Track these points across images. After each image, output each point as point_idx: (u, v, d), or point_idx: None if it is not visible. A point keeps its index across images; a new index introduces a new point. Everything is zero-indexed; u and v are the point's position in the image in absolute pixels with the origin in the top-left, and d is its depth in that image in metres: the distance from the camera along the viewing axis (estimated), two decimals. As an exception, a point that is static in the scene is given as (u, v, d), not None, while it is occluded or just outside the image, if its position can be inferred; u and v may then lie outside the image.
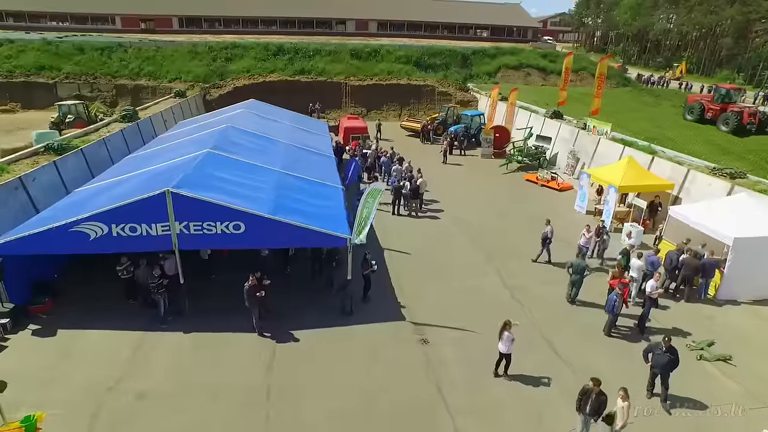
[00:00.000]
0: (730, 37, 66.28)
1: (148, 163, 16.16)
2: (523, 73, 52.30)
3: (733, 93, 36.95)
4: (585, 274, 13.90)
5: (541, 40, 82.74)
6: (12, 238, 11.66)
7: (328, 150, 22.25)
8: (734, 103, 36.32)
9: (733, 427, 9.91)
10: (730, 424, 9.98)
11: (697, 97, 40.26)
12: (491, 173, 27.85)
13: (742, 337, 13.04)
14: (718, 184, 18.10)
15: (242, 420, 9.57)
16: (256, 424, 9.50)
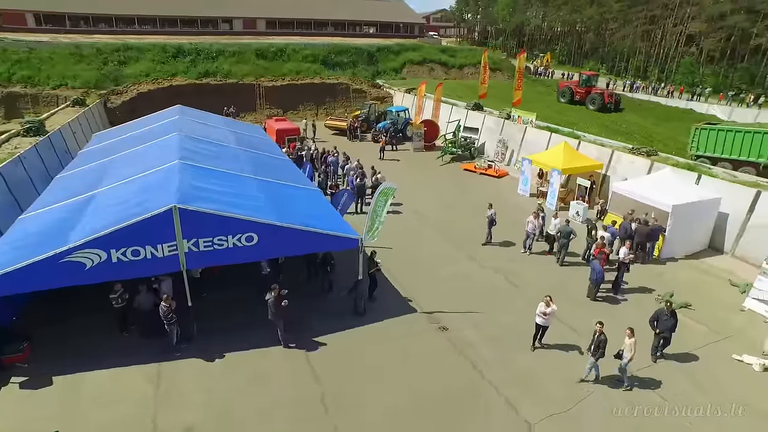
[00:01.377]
0: (592, 32, 75.43)
1: (103, 181, 14.47)
2: (427, 68, 54.73)
3: (593, 78, 45.66)
4: (571, 237, 15.80)
5: (427, 36, 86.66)
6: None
7: (281, 153, 21.66)
8: (595, 86, 44.58)
9: (711, 361, 11.90)
10: (709, 360, 11.96)
11: (566, 83, 47.34)
12: (429, 166, 29.03)
13: (689, 286, 15.45)
14: (639, 162, 21.00)
15: (310, 433, 9.37)
16: (325, 435, 9.36)
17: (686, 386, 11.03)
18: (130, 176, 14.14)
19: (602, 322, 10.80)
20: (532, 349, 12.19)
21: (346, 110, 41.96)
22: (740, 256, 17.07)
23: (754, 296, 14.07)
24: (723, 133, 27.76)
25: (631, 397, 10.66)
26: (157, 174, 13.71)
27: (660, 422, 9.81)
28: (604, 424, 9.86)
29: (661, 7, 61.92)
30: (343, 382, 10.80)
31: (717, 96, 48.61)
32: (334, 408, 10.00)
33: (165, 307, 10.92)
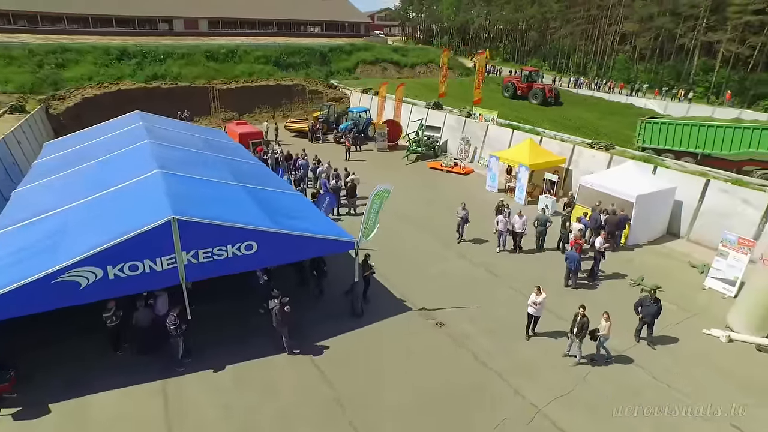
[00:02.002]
0: (535, 31, 78.63)
1: (78, 194, 13.69)
2: (380, 67, 55.20)
3: (534, 74, 48.75)
4: (547, 225, 16.97)
5: (373, 35, 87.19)
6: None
7: (253, 158, 21.32)
8: (535, 82, 47.63)
9: (685, 336, 13.01)
10: (684, 335, 13.07)
11: (509, 79, 50.13)
12: (396, 165, 29.40)
13: (655, 269, 16.68)
14: (600, 156, 22.35)
15: (331, 435, 9.46)
16: (346, 436, 9.48)
17: (668, 361, 12.02)
18: (108, 188, 13.50)
19: (584, 306, 11.71)
20: (527, 338, 12.81)
21: (305, 112, 41.64)
22: (695, 240, 18.61)
23: (712, 276, 15.44)
24: (666, 126, 29.88)
25: (621, 374, 11.50)
26: (139, 185, 13.21)
27: (660, 421, 10.12)
28: (604, 402, 10.57)
29: (596, 8, 65.48)
30: (354, 383, 10.93)
31: (653, 92, 52.16)
32: (351, 410, 10.13)
33: (173, 318, 10.59)
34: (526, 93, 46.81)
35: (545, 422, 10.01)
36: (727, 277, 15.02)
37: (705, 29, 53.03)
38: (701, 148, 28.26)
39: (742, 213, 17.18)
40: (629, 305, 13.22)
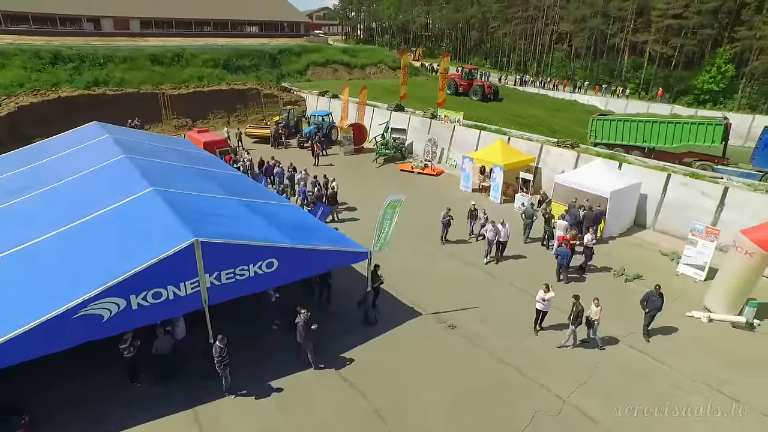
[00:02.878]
0: (476, 30, 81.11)
1: (63, 217, 12.73)
2: (331, 69, 54.94)
3: (474, 72, 51.52)
4: (534, 218, 18.32)
5: (313, 34, 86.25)
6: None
7: (231, 169, 20.73)
8: (475, 79, 50.15)
9: (672, 319, 14.24)
10: (671, 319, 14.29)
11: (451, 76, 51.40)
12: (366, 169, 29.55)
13: (632, 260, 17.98)
14: (567, 154, 23.67)
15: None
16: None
17: (665, 343, 13.14)
18: (98, 209, 12.65)
19: (578, 296, 12.64)
20: (536, 333, 13.49)
21: (264, 117, 40.74)
22: (660, 230, 20.22)
23: (684, 262, 16.92)
24: (615, 122, 32.02)
25: (627, 360, 12.43)
26: (135, 205, 12.51)
27: (660, 421, 10.51)
28: (619, 385, 11.41)
29: (534, 9, 68.62)
30: (386, 392, 11.08)
31: (593, 88, 55.55)
32: (392, 419, 10.29)
33: (220, 347, 10.25)
34: (467, 90, 48.94)
35: (573, 412, 10.67)
36: (698, 263, 16.53)
37: (633, 30, 57.13)
38: (647, 142, 30.58)
39: (701, 204, 18.88)
40: (617, 294, 14.33)
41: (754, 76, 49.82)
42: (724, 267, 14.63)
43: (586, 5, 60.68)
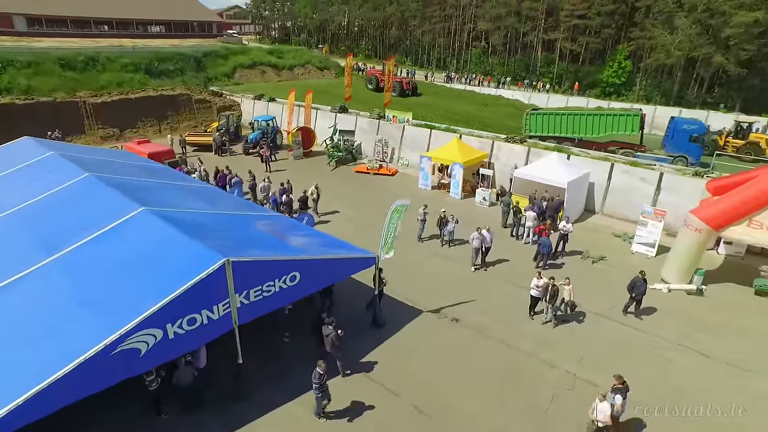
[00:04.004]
0: (395, 29, 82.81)
1: (55, 246, 11.77)
2: (259, 71, 53.69)
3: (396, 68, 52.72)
4: (511, 206, 19.84)
5: (227, 34, 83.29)
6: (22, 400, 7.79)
7: (197, 181, 19.94)
8: (397, 75, 51.84)
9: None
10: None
11: (372, 72, 53.51)
12: (321, 172, 29.41)
13: (591, 243, 19.85)
14: (518, 149, 25.37)
15: None
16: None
17: (640, 314, 14.83)
18: (90, 233, 11.81)
19: (553, 277, 14.10)
20: (531, 317, 14.64)
21: (198, 123, 38.99)
22: (607, 214, 22.49)
23: (637, 242, 19.04)
24: (546, 116, 34.65)
25: (611, 332, 13.94)
26: (131, 227, 11.84)
27: (660, 421, 10.90)
28: (613, 355, 12.81)
29: (451, 8, 71.51)
30: (418, 388, 11.57)
31: (516, 84, 59.19)
32: (433, 412, 10.82)
33: (320, 373, 10.14)
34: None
35: (585, 384, 11.87)
36: (649, 242, 18.70)
37: (545, 29, 61.68)
38: (576, 133, 33.49)
39: (641, 188, 21.30)
40: (589, 275, 15.93)
41: (647, 71, 55.97)
42: (676, 243, 16.76)
43: (500, 5, 64.43)
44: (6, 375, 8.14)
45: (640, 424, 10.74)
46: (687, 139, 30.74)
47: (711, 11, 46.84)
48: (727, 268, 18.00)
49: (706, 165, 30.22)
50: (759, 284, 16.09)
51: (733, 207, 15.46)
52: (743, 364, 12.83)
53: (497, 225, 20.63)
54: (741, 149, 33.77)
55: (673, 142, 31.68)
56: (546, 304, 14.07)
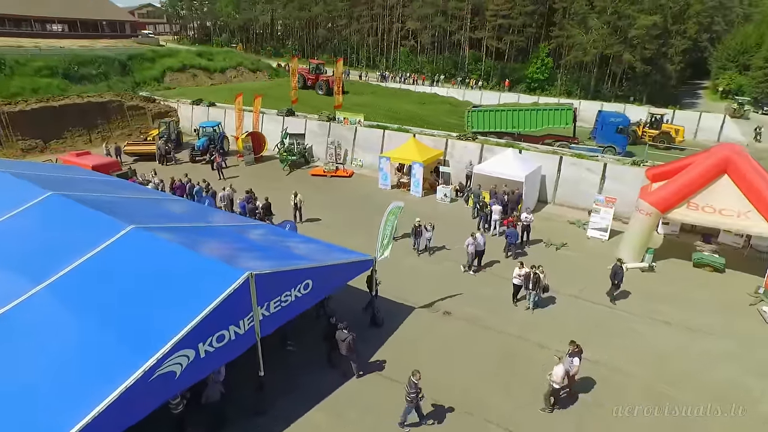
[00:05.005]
0: (323, 28, 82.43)
1: (40, 272, 10.98)
2: (189, 74, 51.47)
3: (321, 66, 51.82)
4: (480, 197, 21.19)
5: (142, 35, 78.83)
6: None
7: (168, 195, 19.14)
8: (323, 74, 51.79)
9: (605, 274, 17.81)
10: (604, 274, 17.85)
11: (300, 70, 52.28)
12: (276, 177, 29.07)
13: (550, 230, 21.45)
14: (472, 146, 26.68)
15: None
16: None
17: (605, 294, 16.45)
18: (75, 259, 11.10)
19: (535, 266, 15.22)
20: (515, 304, 15.75)
21: (138, 132, 36.76)
22: (559, 203, 24.37)
23: (591, 227, 20.91)
24: (487, 113, 36.45)
25: (587, 311, 15.39)
26: (124, 246, 11.30)
27: (660, 420, 11.22)
28: (594, 331, 14.20)
29: (379, 7, 72.50)
30: (429, 380, 11.97)
31: (450, 81, 61.31)
32: (453, 402, 11.46)
33: (414, 382, 10.27)
34: (314, 84, 50.26)
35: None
36: (602, 227, 20.62)
37: (471, 28, 64.44)
38: (516, 128, 35.57)
39: (588, 178, 23.34)
40: (556, 261, 17.45)
41: (567, 67, 60.40)
42: (629, 226, 18.69)
43: (428, 5, 66.36)
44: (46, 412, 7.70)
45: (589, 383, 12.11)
46: (614, 130, 33.82)
47: (618, 14, 51.55)
48: (666, 245, 20.28)
49: (631, 154, 33.50)
50: (697, 258, 18.38)
51: (675, 192, 17.53)
52: (704, 329, 14.73)
53: (463, 220, 21.70)
54: (656, 138, 37.66)
55: (602, 133, 34.67)
56: (529, 291, 15.18)
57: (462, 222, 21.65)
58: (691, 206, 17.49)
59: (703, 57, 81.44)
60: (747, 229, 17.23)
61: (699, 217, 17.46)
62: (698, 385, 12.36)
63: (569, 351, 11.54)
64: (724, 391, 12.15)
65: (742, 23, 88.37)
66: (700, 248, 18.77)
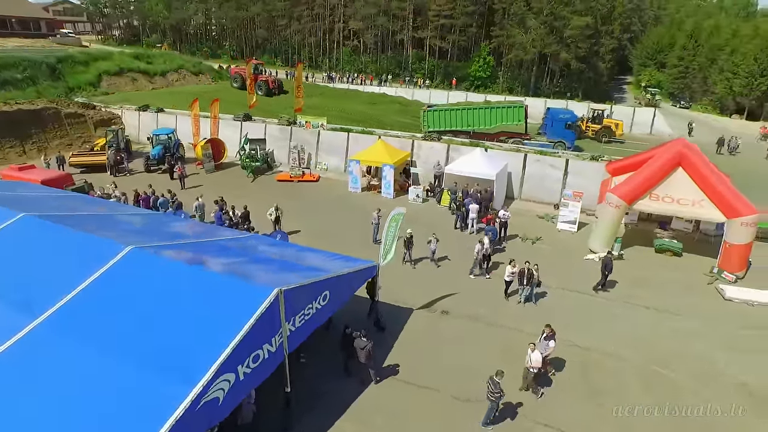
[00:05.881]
0: (263, 28, 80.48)
1: (35, 303, 10.22)
2: (128, 78, 48.76)
3: (259, 66, 50.71)
4: (457, 194, 21.92)
5: (61, 34, 73.42)
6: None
7: (138, 209, 18.20)
8: (262, 74, 51.19)
9: (578, 264, 19.02)
10: (577, 264, 19.05)
11: (237, 70, 52.71)
12: (242, 185, 28.28)
13: (521, 225, 22.54)
14: (438, 146, 27.35)
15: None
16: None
17: (587, 282, 17.55)
18: (74, 287, 10.38)
19: (529, 261, 16.03)
20: (506, 299, 16.49)
21: (84, 141, 34.31)
22: (525, 198, 25.62)
23: (561, 221, 22.20)
24: (442, 112, 37.44)
25: (575, 301, 16.42)
26: (128, 268, 10.71)
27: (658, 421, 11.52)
28: (584, 319, 15.22)
29: (320, 7, 71.90)
30: (445, 379, 12.51)
31: (398, 81, 61.95)
32: (474, 398, 11.88)
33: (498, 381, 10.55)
34: (253, 84, 49.41)
35: (573, 345, 13.97)
36: (570, 219, 21.95)
37: (414, 28, 65.51)
38: (471, 126, 36.80)
39: (551, 174, 24.73)
40: (533, 254, 18.32)
41: (508, 66, 63.00)
42: (599, 218, 20.05)
43: (370, 5, 66.71)
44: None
45: (583, 368, 13.10)
46: (563, 126, 35.88)
47: (554, 15, 54.50)
48: (628, 234, 21.92)
49: (579, 148, 35.73)
50: (658, 244, 20.08)
51: (639, 185, 19.04)
52: (672, 309, 16.18)
53: (442, 218, 22.30)
54: (598, 132, 40.37)
55: (552, 129, 36.68)
56: (523, 286, 15.95)
57: (441, 221, 22.18)
58: (653, 197, 19.06)
59: (625, 55, 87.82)
60: (701, 216, 19.06)
61: (660, 206, 19.07)
62: (685, 364, 13.56)
63: (545, 334, 12.37)
64: (703, 368, 13.46)
65: (654, 24, 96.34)
66: (660, 235, 20.51)
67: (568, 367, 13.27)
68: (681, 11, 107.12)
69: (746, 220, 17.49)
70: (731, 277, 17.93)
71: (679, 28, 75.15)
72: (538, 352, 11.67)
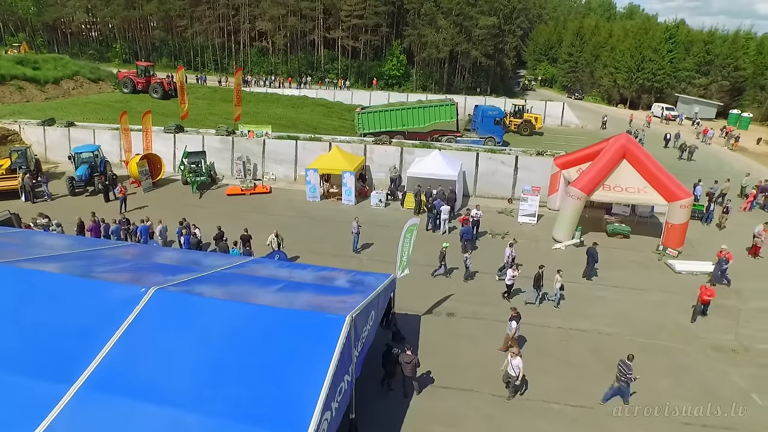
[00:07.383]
0: (160, 29, 74.60)
1: (63, 369, 9.03)
2: (14, 86, 42.69)
3: (149, 69, 49.42)
4: (421, 196, 22.90)
5: None
6: None
7: (124, 242, 16.42)
8: (154, 76, 48.82)
9: (546, 253, 20.68)
10: (545, 253, 20.71)
11: (125, 74, 49.57)
12: (189, 201, 26.42)
13: (484, 222, 23.78)
14: (391, 149, 27.81)
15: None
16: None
17: (569, 274, 19.15)
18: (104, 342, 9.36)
19: (543, 265, 17.02)
20: (508, 299, 17.44)
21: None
22: (479, 195, 27.05)
23: (521, 214, 23.87)
24: (375, 114, 38.06)
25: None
26: (157, 315, 9.79)
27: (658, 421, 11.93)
28: (578, 305, 16.70)
29: (224, 7, 68.45)
30: (479, 379, 13.08)
31: (317, 83, 61.03)
32: (504, 392, 12.60)
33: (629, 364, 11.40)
34: (146, 87, 47.70)
35: (576, 333, 15.33)
36: (530, 212, 23.69)
37: (326, 28, 65.03)
38: (405, 126, 37.85)
39: (502, 170, 26.40)
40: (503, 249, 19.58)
41: (420, 64, 65.13)
42: (562, 210, 21.91)
43: (279, 5, 64.90)
44: None
45: (590, 346, 14.68)
46: (492, 123, 38.22)
47: (463, 15, 57.40)
48: (581, 221, 24.14)
49: (506, 143, 38.34)
50: (611, 228, 22.47)
51: (593, 177, 21.14)
52: (638, 286, 18.36)
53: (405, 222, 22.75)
54: (520, 126, 43.53)
55: (482, 126, 38.90)
56: (540, 289, 16.81)
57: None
58: (605, 188, 21.26)
59: (518, 51, 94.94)
60: (647, 202, 21.67)
61: (613, 195, 21.37)
62: (666, 332, 15.56)
63: (510, 316, 13.87)
64: (680, 333, 15.57)
65: (537, 22, 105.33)
66: (610, 220, 22.94)
67: (581, 351, 14.54)
68: (557, 10, 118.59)
69: (684, 203, 20.25)
70: (674, 252, 20.65)
71: (564, 27, 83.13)
72: (519, 359, 11.96)
